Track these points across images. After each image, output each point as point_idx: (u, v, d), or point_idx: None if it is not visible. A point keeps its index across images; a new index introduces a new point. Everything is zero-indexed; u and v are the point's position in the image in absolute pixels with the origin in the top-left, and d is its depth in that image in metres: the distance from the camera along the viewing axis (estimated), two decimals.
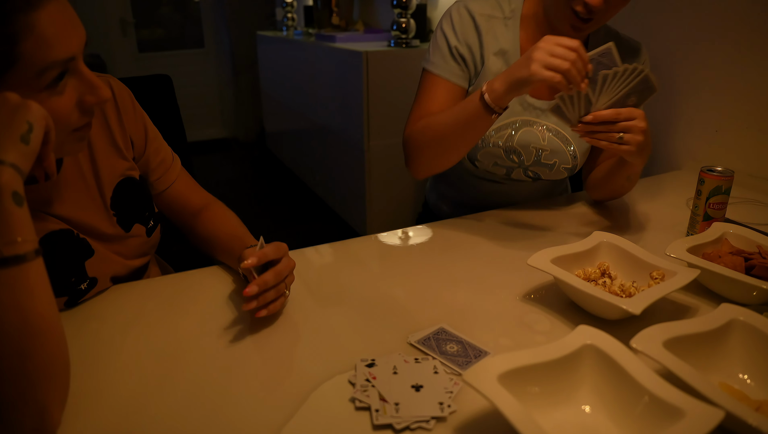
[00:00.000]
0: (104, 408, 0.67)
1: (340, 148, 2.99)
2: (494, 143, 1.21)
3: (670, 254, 0.90)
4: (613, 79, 0.95)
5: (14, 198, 0.58)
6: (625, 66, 0.93)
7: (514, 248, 1.10)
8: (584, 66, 0.92)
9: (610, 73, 0.94)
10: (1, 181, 0.57)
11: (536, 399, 0.62)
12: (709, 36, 1.52)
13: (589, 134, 0.99)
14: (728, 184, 1.04)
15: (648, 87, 0.95)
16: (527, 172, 1.27)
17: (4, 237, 0.57)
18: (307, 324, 0.85)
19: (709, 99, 1.56)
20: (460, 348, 0.77)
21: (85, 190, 0.88)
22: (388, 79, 2.58)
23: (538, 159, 1.23)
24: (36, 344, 0.59)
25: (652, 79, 0.94)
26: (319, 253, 1.09)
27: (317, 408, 0.67)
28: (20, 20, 0.62)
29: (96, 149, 0.89)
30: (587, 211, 1.27)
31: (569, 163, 1.24)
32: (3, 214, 0.57)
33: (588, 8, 1.04)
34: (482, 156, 1.24)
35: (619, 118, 0.96)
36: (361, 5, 3.67)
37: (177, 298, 0.92)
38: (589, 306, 0.85)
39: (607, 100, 0.97)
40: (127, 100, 0.95)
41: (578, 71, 0.91)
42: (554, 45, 0.92)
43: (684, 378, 0.60)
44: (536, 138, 1.21)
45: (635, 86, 0.95)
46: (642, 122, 0.96)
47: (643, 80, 0.94)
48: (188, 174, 1.08)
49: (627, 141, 0.96)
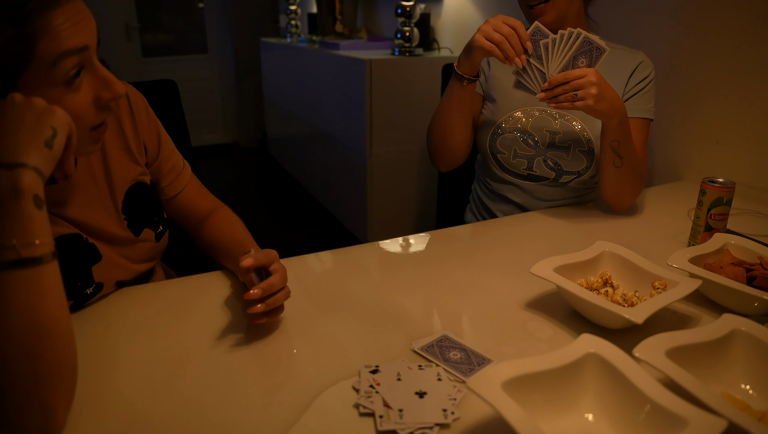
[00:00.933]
0: (108, 410, 0.67)
1: (342, 155, 3.00)
2: (509, 129, 1.33)
3: (672, 264, 0.90)
4: (554, 46, 1.06)
5: (35, 201, 0.60)
6: (561, 32, 1.05)
7: (516, 256, 1.10)
8: (520, 42, 1.09)
9: (549, 41, 1.06)
10: (22, 183, 0.59)
11: (539, 407, 0.62)
12: (711, 47, 1.53)
13: (551, 100, 1.09)
14: (730, 195, 1.05)
15: (594, 47, 1.04)
16: (547, 162, 1.32)
17: (22, 239, 0.58)
18: (309, 330, 0.85)
19: (710, 110, 1.57)
20: (463, 355, 0.77)
21: (96, 193, 0.89)
22: (391, 87, 2.59)
23: (553, 141, 1.31)
24: (46, 345, 0.59)
25: (594, 39, 1.03)
26: (320, 260, 1.09)
27: (321, 413, 0.67)
28: (38, 20, 0.63)
29: (109, 153, 0.90)
30: (590, 221, 1.28)
31: (584, 146, 1.30)
32: (23, 216, 0.59)
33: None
34: (502, 144, 1.33)
35: (570, 78, 1.06)
36: (365, 13, 3.69)
37: (181, 302, 0.93)
38: (592, 315, 0.85)
39: (557, 66, 1.08)
40: (142, 106, 0.96)
41: (513, 45, 1.09)
42: (499, 22, 1.10)
43: (687, 387, 0.60)
44: (548, 122, 1.31)
45: (578, 48, 1.05)
46: (593, 76, 1.06)
47: (584, 41, 1.04)
48: (198, 180, 1.10)
49: (582, 96, 1.06)
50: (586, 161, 1.30)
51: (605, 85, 1.07)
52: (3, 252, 0.58)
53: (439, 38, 2.93)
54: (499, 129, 1.34)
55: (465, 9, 2.69)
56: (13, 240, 0.58)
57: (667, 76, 1.65)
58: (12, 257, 0.58)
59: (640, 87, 1.27)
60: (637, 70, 1.28)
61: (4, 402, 0.58)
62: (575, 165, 1.31)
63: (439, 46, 2.92)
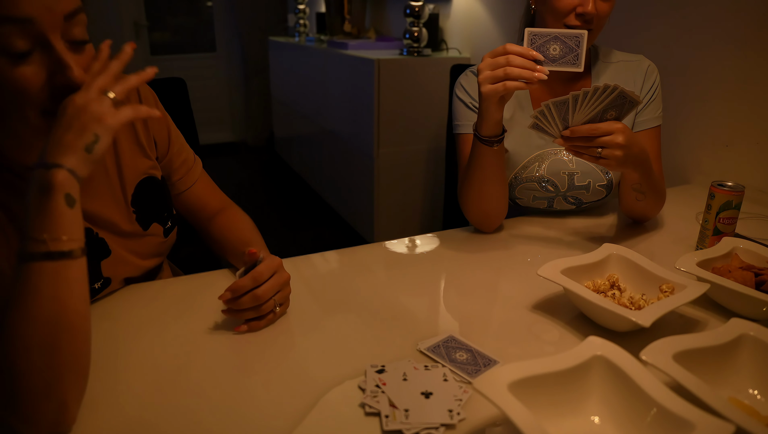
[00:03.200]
0: (115, 406, 0.68)
1: (349, 154, 3.00)
2: (526, 178, 1.26)
3: (680, 268, 0.90)
4: (584, 99, 0.94)
5: (66, 199, 0.62)
6: (595, 85, 0.92)
7: (523, 258, 1.10)
8: (523, 56, 0.96)
9: (580, 94, 0.93)
10: (55, 180, 0.61)
11: (545, 408, 0.62)
12: (721, 50, 1.53)
13: (570, 149, 0.99)
14: (739, 199, 1.04)
15: (627, 101, 0.94)
16: (567, 199, 1.29)
17: (52, 234, 0.61)
18: (315, 329, 0.85)
19: (720, 113, 1.56)
20: (469, 356, 0.77)
21: (107, 184, 0.90)
22: (399, 87, 2.59)
23: (572, 182, 1.25)
24: (67, 338, 0.61)
25: (630, 94, 0.93)
26: (326, 260, 1.10)
27: (327, 412, 0.67)
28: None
29: (120, 146, 0.91)
30: (597, 223, 1.28)
31: (603, 180, 1.25)
32: (54, 211, 0.61)
33: (584, 18, 1.10)
34: (520, 192, 1.28)
35: (596, 133, 0.96)
36: (374, 13, 3.69)
37: (188, 300, 0.93)
38: (599, 318, 0.85)
39: (584, 117, 0.96)
40: (151, 100, 0.97)
41: (518, 66, 0.96)
42: (488, 60, 0.98)
43: (694, 391, 0.60)
44: (563, 164, 1.25)
45: (610, 102, 0.94)
46: (619, 137, 0.95)
47: (618, 96, 0.93)
48: (209, 177, 1.10)
49: (605, 156, 0.96)
50: (605, 192, 1.27)
51: (632, 142, 0.97)
52: (34, 245, 0.61)
53: (448, 39, 2.93)
54: (516, 179, 1.27)
55: (474, 9, 2.69)
56: (44, 235, 0.61)
57: (677, 80, 1.64)
58: (41, 249, 0.61)
59: (650, 95, 1.25)
60: (646, 78, 1.25)
61: (21, 392, 0.60)
62: (595, 197, 1.28)
63: (447, 46, 2.92)
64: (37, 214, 0.61)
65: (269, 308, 0.83)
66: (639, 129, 1.23)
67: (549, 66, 0.99)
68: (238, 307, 0.81)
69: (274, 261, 0.84)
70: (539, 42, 0.98)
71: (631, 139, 0.97)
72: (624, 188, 1.16)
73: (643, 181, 1.09)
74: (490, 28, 2.59)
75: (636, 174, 1.06)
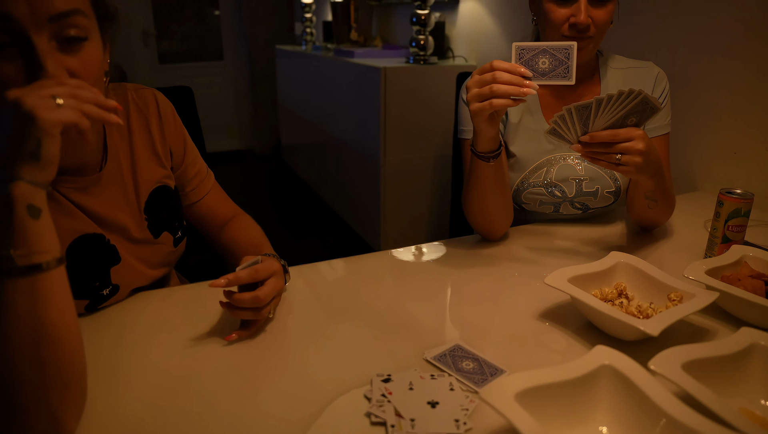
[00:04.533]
0: (123, 414, 0.68)
1: (356, 162, 3.01)
2: (533, 183, 1.25)
3: (689, 276, 0.89)
4: (608, 103, 0.92)
5: (29, 210, 0.59)
6: (620, 90, 0.91)
7: (530, 266, 1.10)
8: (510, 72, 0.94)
9: (605, 98, 0.92)
10: (13, 193, 0.58)
11: (553, 419, 0.61)
12: (730, 56, 1.52)
13: (588, 155, 0.98)
14: (748, 207, 1.03)
15: (648, 107, 0.93)
16: (574, 204, 1.28)
17: (20, 249, 0.58)
18: (321, 338, 0.85)
19: (729, 120, 1.55)
20: (476, 365, 0.76)
21: (122, 190, 0.91)
22: (406, 95, 2.60)
23: (580, 189, 1.25)
24: (49, 352, 0.60)
25: (652, 100, 0.92)
26: (332, 268, 1.09)
27: (332, 421, 0.67)
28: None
29: (137, 153, 0.93)
30: (604, 231, 1.27)
31: (611, 186, 1.25)
32: (18, 225, 0.58)
33: (578, 29, 1.10)
34: (526, 198, 1.27)
35: (616, 139, 0.95)
36: (380, 21, 3.70)
37: (195, 308, 0.93)
38: (606, 327, 0.84)
39: (605, 122, 0.95)
40: (170, 113, 0.99)
41: (505, 83, 0.94)
42: (475, 77, 0.97)
43: (704, 401, 0.59)
44: (572, 169, 1.24)
45: (633, 108, 0.93)
46: (640, 143, 0.94)
47: (641, 102, 0.92)
48: (220, 188, 1.12)
49: (625, 162, 0.95)
50: (613, 198, 1.27)
51: (650, 149, 0.97)
52: (2, 261, 0.58)
53: (454, 47, 2.94)
54: (523, 184, 1.26)
55: (480, 17, 2.69)
56: (11, 250, 0.58)
57: (684, 87, 1.64)
58: (9, 265, 0.58)
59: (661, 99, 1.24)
60: (656, 85, 1.24)
61: (11, 407, 0.59)
62: (602, 203, 1.27)
63: (453, 54, 2.92)
64: (1, 229, 0.58)
65: (266, 313, 0.83)
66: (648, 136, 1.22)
67: (539, 80, 0.97)
68: (238, 304, 0.79)
69: (272, 264, 0.84)
70: (527, 56, 0.97)
71: (650, 145, 0.96)
72: (635, 196, 1.15)
73: (657, 188, 1.08)
74: (497, 35, 2.59)
75: (651, 181, 1.05)
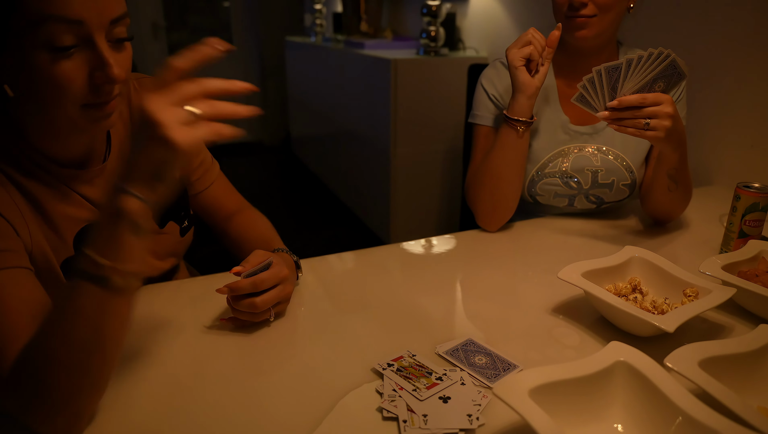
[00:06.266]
0: (130, 406, 0.68)
1: (365, 154, 3.00)
2: (549, 173, 1.24)
3: (705, 271, 0.88)
4: (638, 64, 0.93)
5: (133, 227, 0.58)
6: (650, 50, 0.92)
7: (543, 261, 1.09)
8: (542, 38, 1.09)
9: (635, 58, 0.93)
10: (124, 207, 0.57)
11: (567, 415, 0.61)
12: (745, 50, 1.49)
13: (615, 121, 0.98)
14: (765, 201, 1.02)
15: (676, 72, 0.93)
16: (589, 198, 1.27)
17: (110, 260, 0.58)
18: (332, 332, 0.85)
19: (745, 114, 1.53)
20: (488, 360, 0.76)
21: None
22: (416, 87, 2.58)
23: (596, 180, 1.24)
24: (97, 362, 0.61)
25: (680, 64, 0.92)
26: (342, 261, 1.09)
27: (344, 417, 0.67)
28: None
29: None
30: (618, 226, 1.26)
31: (627, 178, 1.24)
32: (117, 238, 0.58)
33: (572, 6, 1.11)
34: (541, 189, 1.26)
35: (645, 103, 0.95)
36: (390, 13, 3.68)
37: (204, 300, 0.93)
38: (620, 322, 0.83)
39: (633, 86, 0.95)
40: None
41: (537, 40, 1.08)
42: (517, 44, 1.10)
43: (721, 399, 0.58)
44: (588, 160, 1.23)
45: (662, 71, 0.93)
46: (669, 107, 0.95)
47: (670, 65, 0.92)
48: (227, 179, 1.11)
49: (654, 126, 0.95)
50: (628, 191, 1.26)
51: (677, 116, 0.97)
52: (89, 265, 0.58)
53: (465, 38, 2.91)
54: (538, 174, 1.24)
55: (491, 8, 2.67)
56: (101, 257, 0.58)
57: (701, 80, 1.61)
58: (93, 270, 0.58)
59: (677, 96, 1.23)
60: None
61: (41, 402, 0.60)
62: (617, 196, 1.26)
63: (464, 46, 2.90)
64: (100, 233, 0.58)
65: (265, 316, 0.83)
66: None
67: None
68: (237, 307, 0.81)
69: (282, 271, 0.83)
70: None
71: (677, 111, 0.97)
72: (657, 176, 1.13)
73: (680, 165, 1.08)
74: (508, 26, 2.57)
75: (676, 154, 1.05)
